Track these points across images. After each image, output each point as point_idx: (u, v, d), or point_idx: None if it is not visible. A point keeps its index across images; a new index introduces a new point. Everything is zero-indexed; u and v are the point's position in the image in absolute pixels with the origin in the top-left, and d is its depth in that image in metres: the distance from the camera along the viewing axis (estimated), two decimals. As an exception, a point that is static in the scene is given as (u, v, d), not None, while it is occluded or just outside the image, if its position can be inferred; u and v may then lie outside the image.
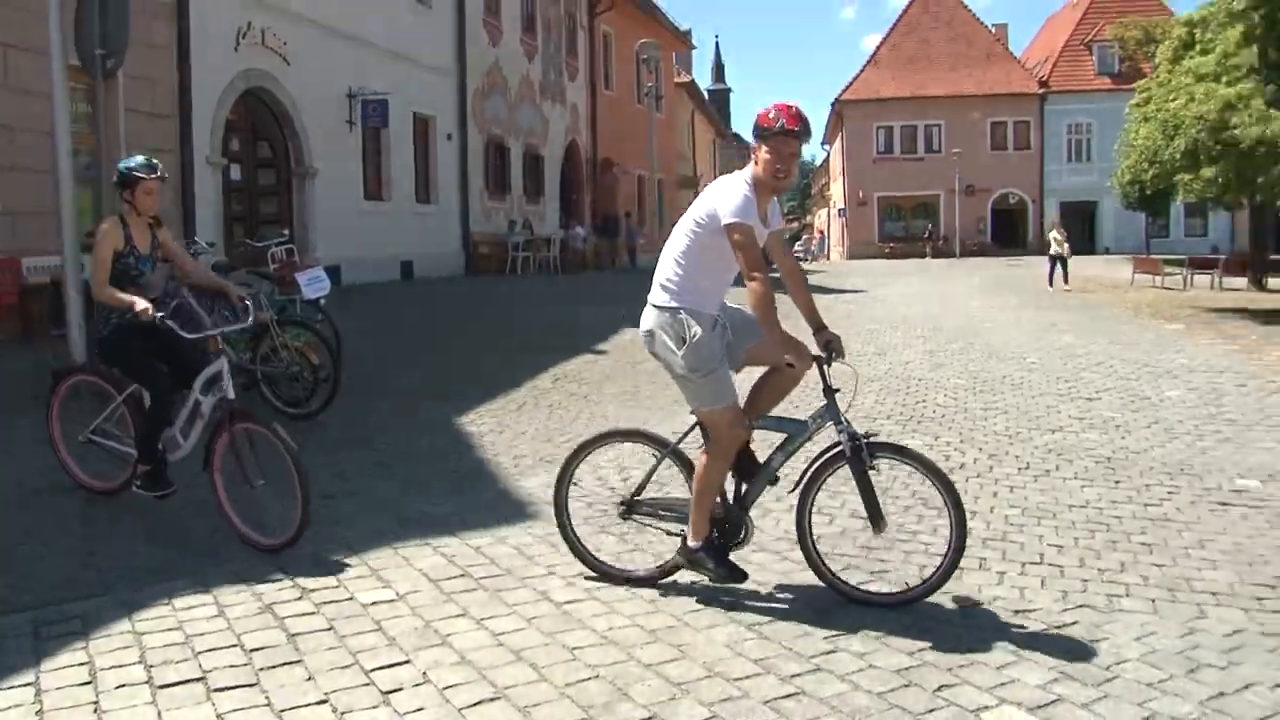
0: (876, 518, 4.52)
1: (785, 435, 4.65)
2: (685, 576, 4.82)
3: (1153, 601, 4.63)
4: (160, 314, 5.44)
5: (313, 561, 5.06)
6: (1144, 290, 26.19)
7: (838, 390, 4.55)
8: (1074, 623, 4.38)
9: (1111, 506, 6.20)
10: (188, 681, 3.77)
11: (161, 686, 3.73)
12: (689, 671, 3.87)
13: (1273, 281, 27.87)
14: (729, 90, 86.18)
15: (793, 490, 4.64)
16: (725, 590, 4.67)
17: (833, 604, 4.53)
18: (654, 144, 30.37)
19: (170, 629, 4.24)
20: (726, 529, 4.66)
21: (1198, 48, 22.57)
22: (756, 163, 4.46)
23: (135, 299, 5.46)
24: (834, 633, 4.22)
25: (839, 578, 4.64)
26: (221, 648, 4.06)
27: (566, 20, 31.77)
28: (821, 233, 75.55)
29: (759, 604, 4.57)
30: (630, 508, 4.88)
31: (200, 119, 15.98)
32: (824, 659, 3.96)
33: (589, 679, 3.80)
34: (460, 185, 25.02)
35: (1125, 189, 30.59)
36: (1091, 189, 50.58)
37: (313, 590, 4.69)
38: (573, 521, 5.01)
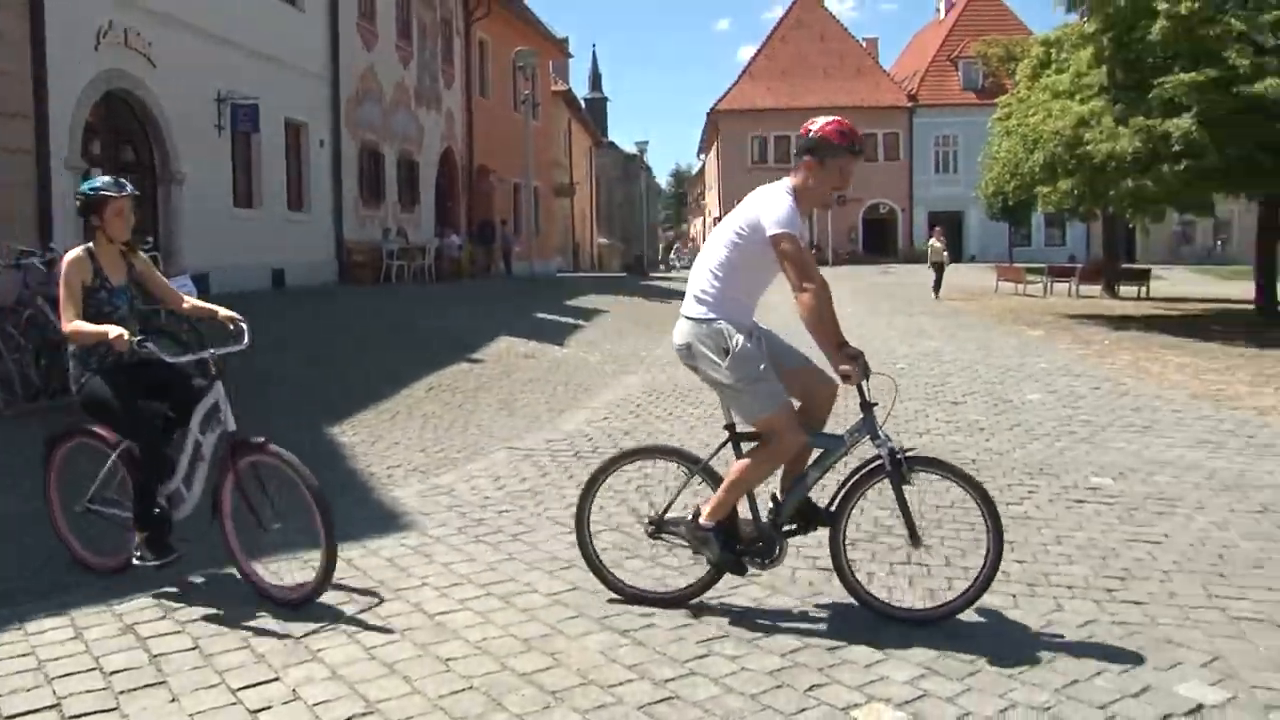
0: (914, 533, 4.49)
1: (821, 451, 4.57)
2: (555, 585, 4.82)
3: (1013, 596, 4.79)
4: (139, 338, 4.78)
5: (178, 578, 4.92)
6: (1007, 297, 27.12)
7: (875, 404, 4.47)
8: (940, 619, 4.51)
9: (976, 508, 6.37)
10: (39, 710, 3.62)
11: (10, 717, 3.57)
12: (563, 680, 3.87)
13: (1124, 289, 29.15)
14: (606, 99, 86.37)
15: (829, 505, 4.54)
16: (599, 598, 4.69)
17: (704, 609, 4.58)
18: (530, 152, 30.30)
19: (21, 655, 4.07)
20: (759, 547, 4.56)
21: (1054, 66, 23.53)
22: (808, 177, 4.42)
23: (109, 327, 4.74)
24: (707, 637, 4.27)
25: (872, 594, 4.56)
26: (78, 672, 3.91)
27: (443, 27, 31.45)
28: (694, 241, 76.33)
29: (633, 610, 4.59)
30: (659, 526, 4.68)
31: (58, 120, 15.33)
32: (697, 663, 4.00)
33: (463, 690, 3.77)
34: (334, 192, 24.55)
35: (989, 199, 31.68)
36: (958, 199, 52.31)
37: (177, 609, 4.55)
38: (594, 541, 4.83)
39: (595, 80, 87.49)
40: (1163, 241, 51.89)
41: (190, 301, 5.41)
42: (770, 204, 4.36)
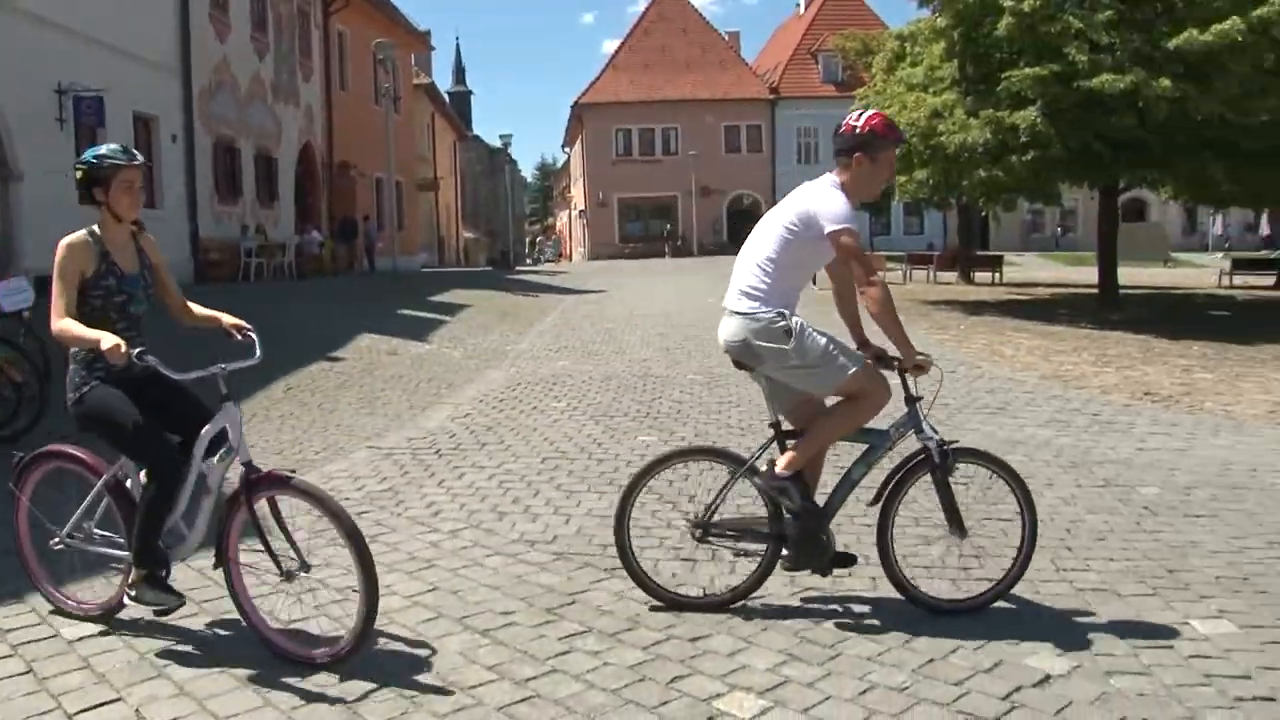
0: (959, 525, 4.50)
1: (867, 446, 4.56)
2: (414, 587, 4.71)
3: (874, 580, 4.86)
4: (138, 349, 3.96)
5: (11, 597, 4.65)
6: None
7: (919, 398, 4.48)
8: (801, 605, 4.57)
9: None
10: None
11: None
12: (421, 683, 3.78)
13: (979, 275, 30.14)
14: (470, 92, 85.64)
15: (874, 502, 4.54)
16: (459, 599, 4.60)
17: (565, 604, 4.54)
18: (392, 146, 29.78)
19: None
20: (803, 544, 4.49)
21: (908, 60, 24.14)
22: (860, 172, 4.43)
23: (101, 334, 3.95)
24: (569, 634, 4.23)
25: (918, 588, 4.54)
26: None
27: (299, 18, 30.64)
28: (559, 234, 76.34)
29: (494, 610, 4.51)
30: (706, 529, 4.56)
31: (-124, 114, 14.47)
32: (559, 660, 3.95)
33: (316, 700, 3.65)
34: (187, 189, 23.71)
35: (849, 190, 32.27)
36: (819, 190, 53.22)
37: (10, 630, 4.31)
38: (633, 546, 4.66)
39: (459, 73, 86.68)
40: (1014, 229, 53.77)
41: (198, 308, 4.58)
42: (826, 200, 4.38)
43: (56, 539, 4.43)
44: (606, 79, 58.22)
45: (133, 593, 4.11)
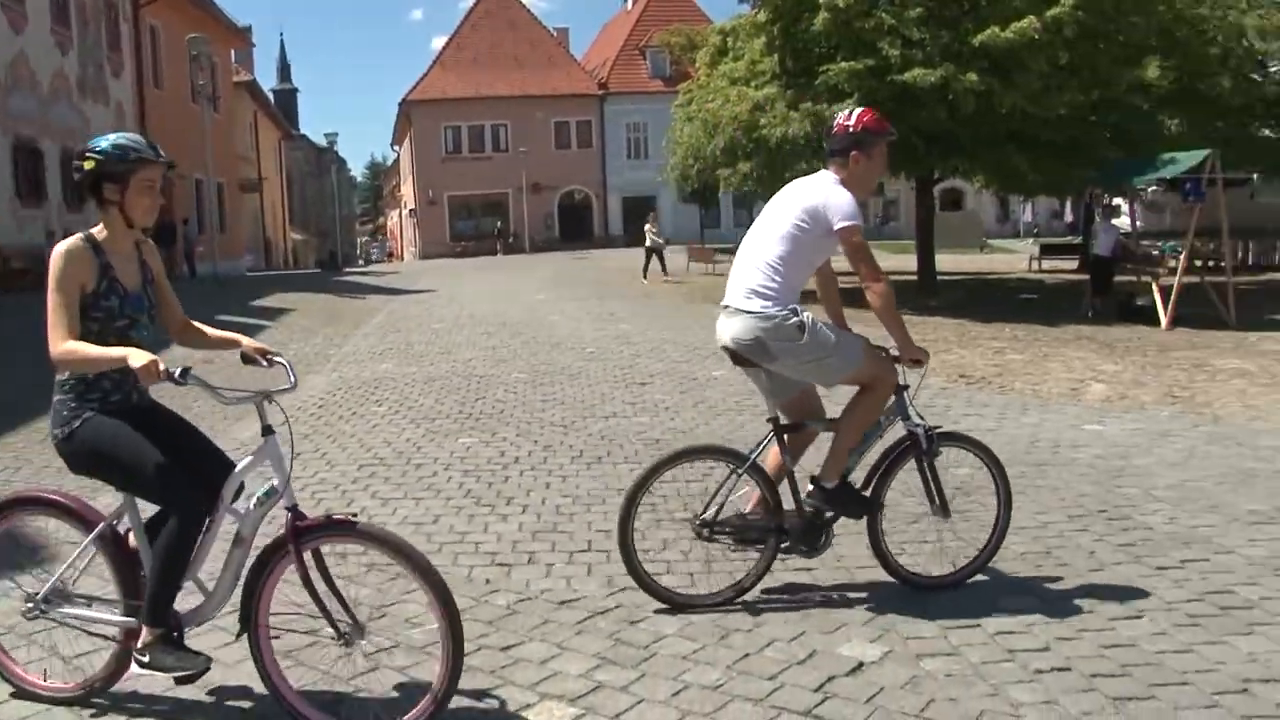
0: (945, 505, 4.67)
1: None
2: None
3: (690, 575, 4.82)
4: (180, 368, 3.25)
5: None
6: (699, 277, 28.02)
7: (906, 387, 4.62)
8: (617, 606, 4.49)
9: (657, 487, 6.45)
10: None
11: None
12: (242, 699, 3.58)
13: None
14: (296, 90, 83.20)
15: (863, 487, 4.62)
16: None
17: (374, 618, 4.36)
18: (211, 146, 28.65)
19: None
20: (805, 535, 4.58)
21: (731, 55, 24.44)
22: (857, 169, 4.52)
23: (128, 351, 3.24)
24: (376, 649, 4.05)
25: (904, 567, 4.71)
26: None
27: (107, 11, 29.08)
28: (391, 234, 75.21)
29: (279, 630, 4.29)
30: (710, 528, 4.54)
31: None
32: (362, 680, 3.77)
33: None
34: (-16, 192, 22.33)
35: (679, 183, 32.61)
36: (650, 184, 53.50)
37: None
38: (638, 550, 4.57)
39: (284, 71, 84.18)
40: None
41: (207, 329, 3.84)
42: (832, 197, 4.43)
43: (29, 605, 3.63)
44: (434, 75, 57.39)
45: (145, 658, 3.40)
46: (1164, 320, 16.34)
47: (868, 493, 4.63)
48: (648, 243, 27.76)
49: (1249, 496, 6.28)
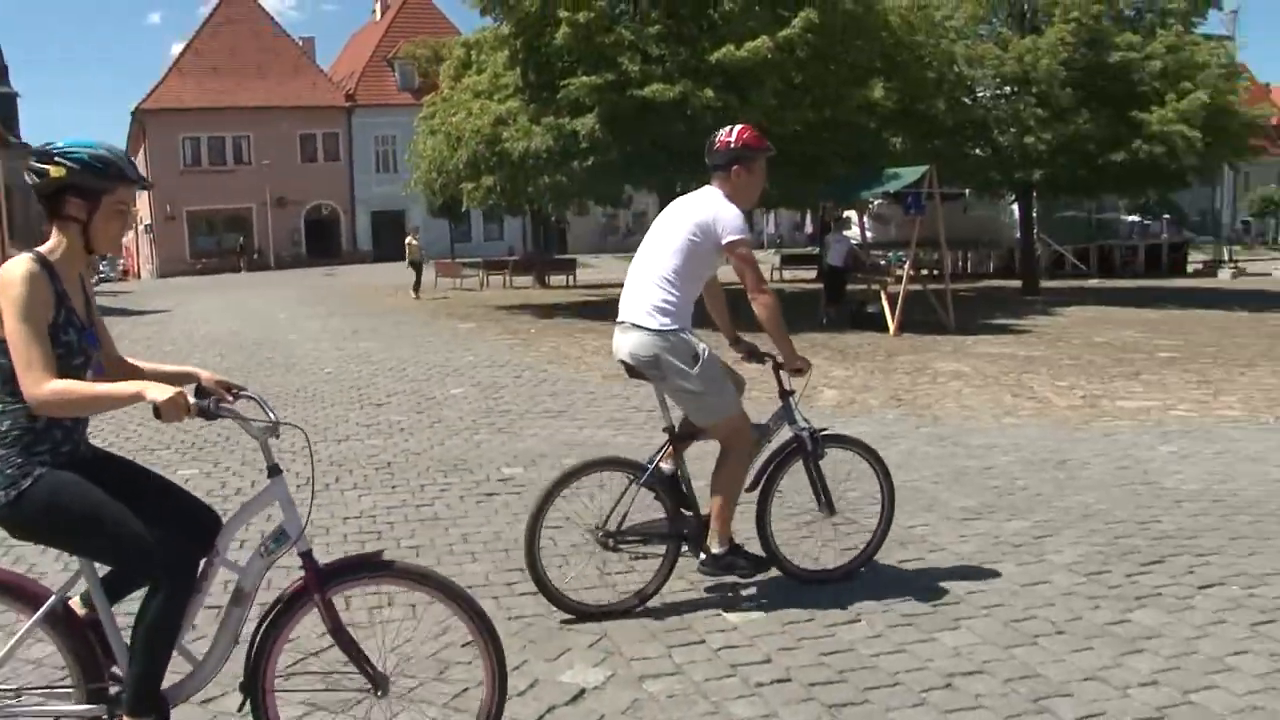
0: (830, 503, 4.93)
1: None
2: None
3: (413, 608, 4.58)
4: (210, 399, 2.86)
5: None
6: (447, 292, 27.66)
7: (792, 392, 4.87)
8: (325, 651, 4.19)
9: (386, 513, 6.22)
10: None
11: None
12: None
13: (554, 279, 30.97)
14: (16, 95, 77.28)
15: (751, 489, 4.79)
16: None
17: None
18: (-99, 155, 26.10)
19: None
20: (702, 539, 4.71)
21: (475, 67, 24.21)
22: (739, 183, 4.67)
23: (144, 385, 2.72)
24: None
25: (793, 563, 4.95)
26: None
27: None
28: (128, 251, 70.79)
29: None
30: (615, 537, 4.66)
31: None
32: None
33: None
34: None
35: (428, 197, 32.11)
36: (400, 198, 52.29)
37: None
38: (543, 561, 4.55)
39: (2, 74, 78.08)
40: (593, 232, 55.93)
41: (145, 365, 3.22)
42: (721, 211, 4.58)
43: None
44: (171, 83, 54.34)
45: None
46: (892, 326, 17.20)
47: (756, 491, 4.83)
48: (410, 257, 27.32)
49: (961, 494, 6.60)
